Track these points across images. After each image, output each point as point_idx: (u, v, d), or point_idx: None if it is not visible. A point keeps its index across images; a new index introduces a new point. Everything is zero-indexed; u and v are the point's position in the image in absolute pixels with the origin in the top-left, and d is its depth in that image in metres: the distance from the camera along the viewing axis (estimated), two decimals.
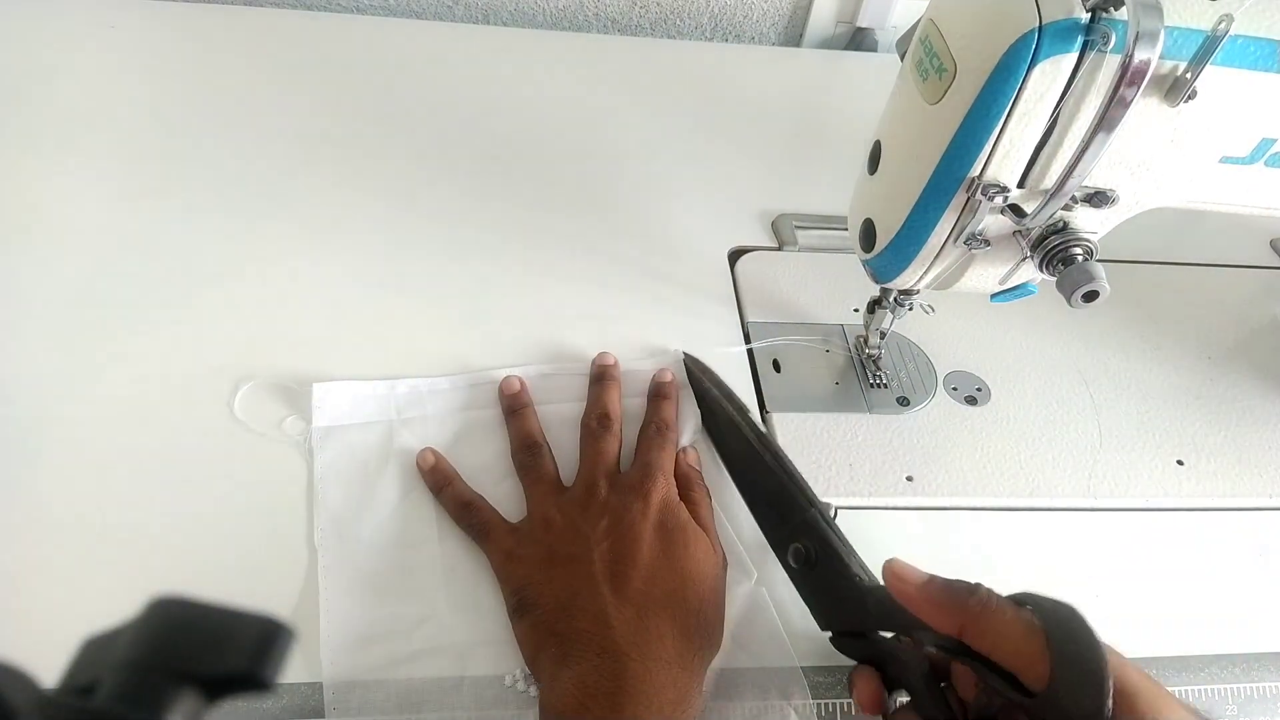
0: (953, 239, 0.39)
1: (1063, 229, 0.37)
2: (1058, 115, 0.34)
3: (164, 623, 0.17)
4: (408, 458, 0.44)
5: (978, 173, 0.36)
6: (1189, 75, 0.33)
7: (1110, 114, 0.31)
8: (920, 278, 0.42)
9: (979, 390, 0.52)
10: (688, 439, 0.46)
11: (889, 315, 0.49)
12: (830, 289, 0.57)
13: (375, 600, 0.39)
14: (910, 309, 0.48)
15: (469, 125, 0.66)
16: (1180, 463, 0.50)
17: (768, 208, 0.62)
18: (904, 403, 0.51)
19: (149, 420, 0.44)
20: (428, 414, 0.46)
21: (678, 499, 0.41)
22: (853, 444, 0.48)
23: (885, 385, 0.51)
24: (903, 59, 0.39)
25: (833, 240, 0.60)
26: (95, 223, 0.54)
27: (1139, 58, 0.30)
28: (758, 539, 0.42)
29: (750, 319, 0.54)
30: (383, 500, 0.42)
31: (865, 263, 0.44)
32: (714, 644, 0.38)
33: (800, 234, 0.60)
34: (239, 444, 0.43)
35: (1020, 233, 0.38)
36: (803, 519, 0.39)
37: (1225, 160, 0.37)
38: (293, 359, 0.47)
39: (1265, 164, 0.37)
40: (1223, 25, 0.31)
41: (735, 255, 0.59)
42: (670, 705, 0.33)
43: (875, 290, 0.48)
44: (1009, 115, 0.34)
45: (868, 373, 0.52)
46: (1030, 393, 0.52)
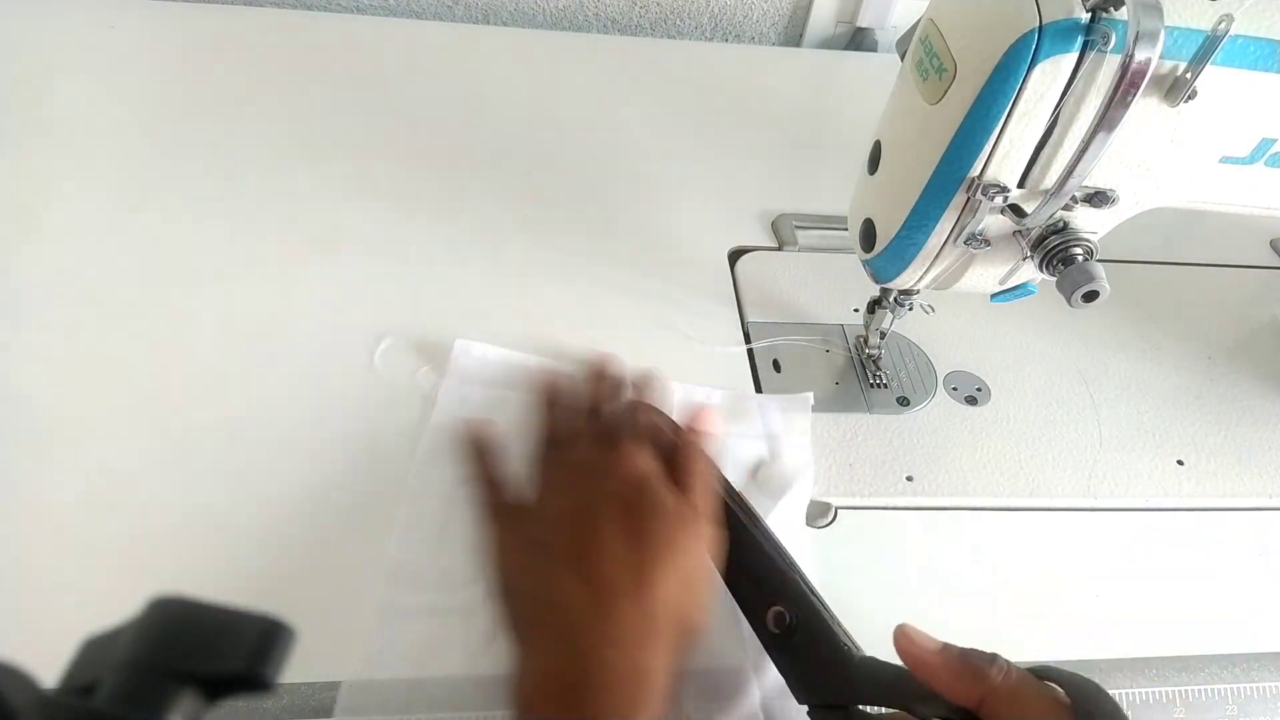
0: (953, 239, 0.39)
1: (1063, 229, 0.37)
2: (1058, 115, 0.34)
3: (164, 623, 0.17)
4: (521, 429, 0.43)
5: (978, 173, 0.36)
6: (1189, 75, 0.33)
7: (1110, 114, 0.31)
8: (920, 278, 0.42)
9: (979, 390, 0.52)
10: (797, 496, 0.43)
11: (889, 315, 0.49)
12: (830, 289, 0.57)
13: (437, 548, 0.40)
14: (910, 309, 0.48)
15: (469, 125, 0.66)
16: (1180, 463, 0.50)
17: (768, 208, 0.62)
18: (904, 403, 0.51)
19: (149, 420, 0.44)
20: None
21: (654, 470, 0.37)
22: (853, 444, 0.48)
23: (885, 385, 0.51)
24: (903, 59, 0.39)
25: (833, 240, 0.60)
26: (95, 222, 0.54)
27: (1139, 58, 0.30)
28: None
29: (750, 319, 0.54)
30: None
31: (865, 263, 0.44)
32: (689, 627, 0.36)
33: (800, 234, 0.60)
34: (239, 445, 0.43)
35: (1020, 233, 0.38)
36: (781, 581, 0.36)
37: (1225, 160, 0.37)
38: (290, 365, 0.47)
39: (1265, 164, 0.37)
40: (1223, 25, 0.31)
41: (735, 255, 0.59)
42: (631, 691, 0.32)
43: (875, 290, 0.48)
44: (1009, 115, 0.34)
45: (868, 373, 0.52)
46: (1030, 393, 0.52)
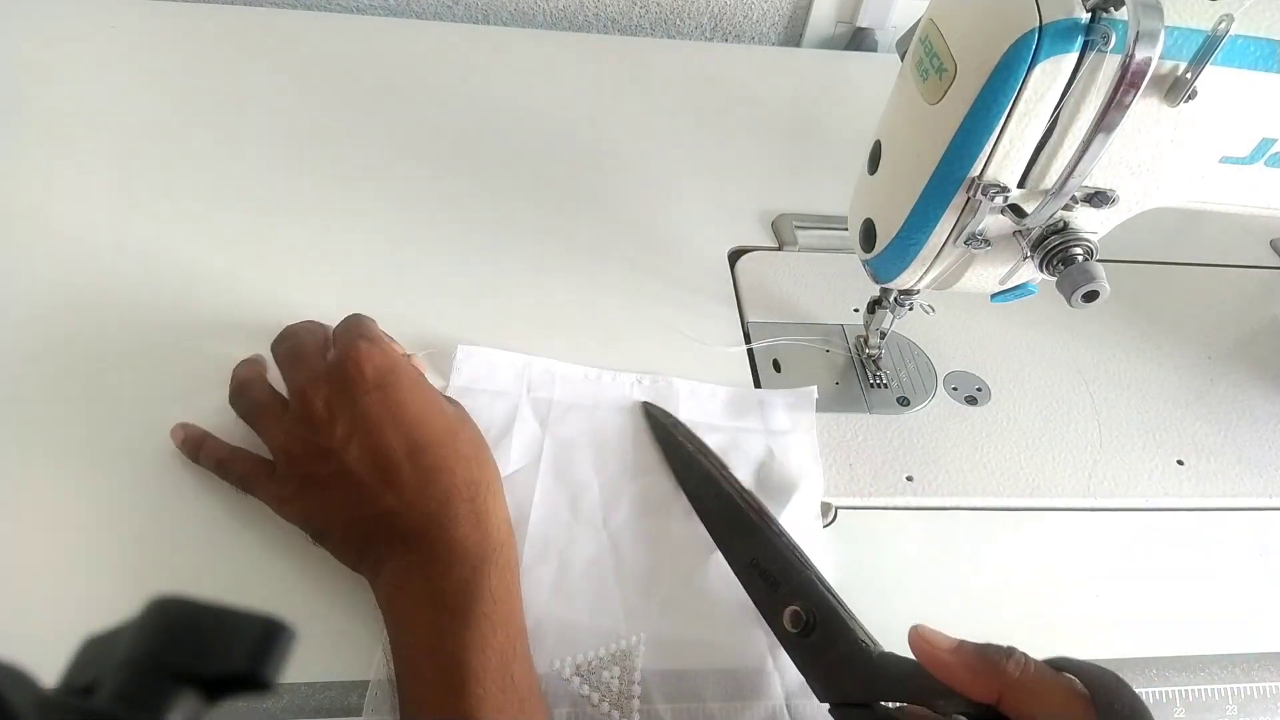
0: (953, 239, 0.39)
1: (1063, 229, 0.37)
2: (1058, 115, 0.34)
3: (164, 623, 0.17)
4: (526, 433, 0.45)
5: (978, 173, 0.36)
6: (1189, 75, 0.33)
7: (1110, 114, 0.31)
8: (920, 278, 0.42)
9: (979, 390, 0.52)
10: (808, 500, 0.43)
11: (889, 315, 0.49)
12: (830, 289, 0.57)
13: None
14: (910, 309, 0.48)
15: (468, 125, 0.66)
16: (1180, 463, 0.50)
17: (768, 208, 0.62)
18: (904, 403, 0.51)
19: (149, 420, 0.44)
20: (554, 397, 0.47)
21: (385, 351, 0.39)
22: (853, 444, 0.48)
23: (885, 385, 0.51)
24: (903, 59, 0.39)
25: (833, 240, 0.60)
26: (95, 222, 0.54)
27: (1139, 58, 0.30)
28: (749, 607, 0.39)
29: (750, 319, 0.54)
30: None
31: (865, 263, 0.44)
32: (491, 462, 0.39)
33: (800, 234, 0.60)
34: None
35: (1020, 233, 0.38)
36: (799, 581, 0.37)
37: (1225, 160, 0.37)
38: None
39: (1265, 164, 0.37)
40: (1223, 25, 0.31)
41: (735, 255, 0.59)
42: (477, 544, 0.35)
43: (875, 290, 0.48)
44: (1009, 115, 0.34)
45: (868, 373, 0.52)
46: (1030, 393, 0.52)
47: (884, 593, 0.42)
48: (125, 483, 0.41)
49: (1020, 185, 0.36)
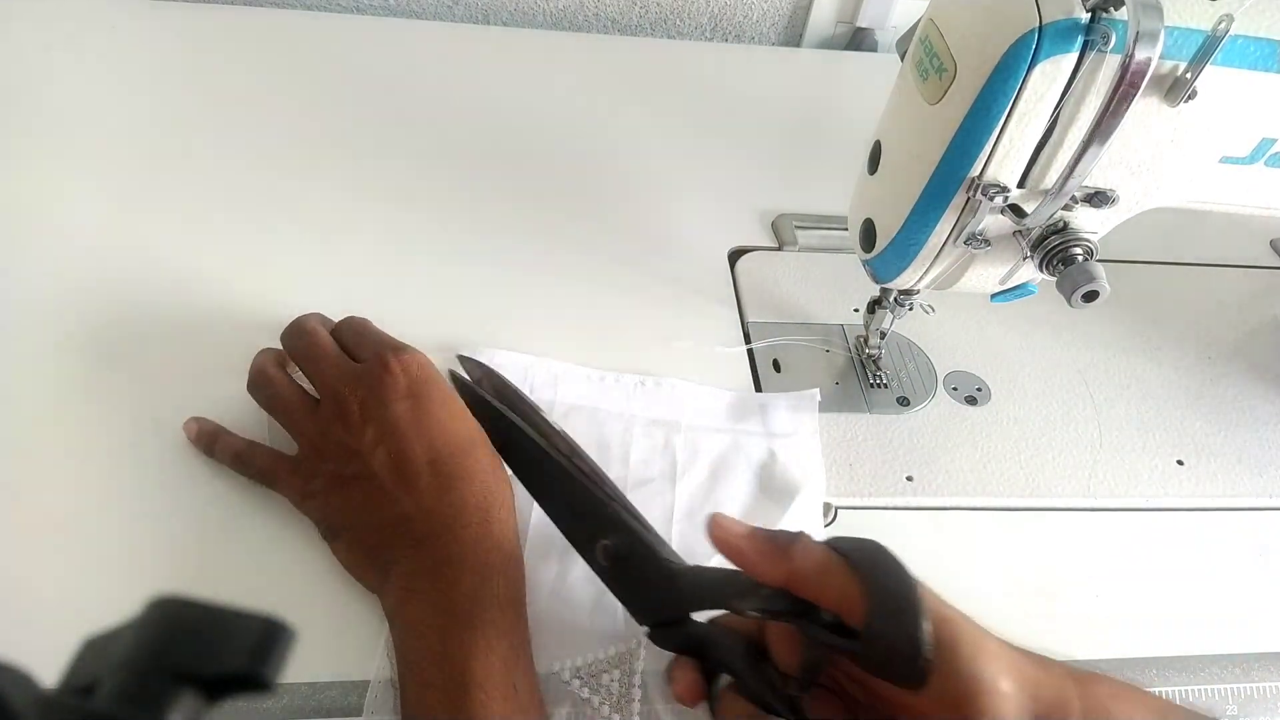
0: (953, 239, 0.39)
1: (1063, 229, 0.37)
2: (1058, 115, 0.34)
3: (164, 623, 0.17)
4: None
5: (978, 173, 0.36)
6: (1189, 75, 0.33)
7: (1110, 114, 0.31)
8: (920, 278, 0.42)
9: (979, 390, 0.52)
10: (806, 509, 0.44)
11: (889, 315, 0.49)
12: (830, 289, 0.57)
13: None
14: (910, 309, 0.48)
15: (468, 125, 0.66)
16: (1180, 463, 0.50)
17: (768, 208, 0.62)
18: (904, 403, 0.51)
19: (150, 419, 0.44)
20: (555, 399, 0.47)
21: (416, 359, 0.40)
22: (853, 444, 0.48)
23: (885, 385, 0.51)
24: (903, 59, 0.39)
25: (833, 240, 0.60)
26: (95, 221, 0.54)
27: (1139, 58, 0.30)
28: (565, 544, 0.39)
29: (750, 319, 0.54)
30: None
31: (865, 263, 0.44)
32: (506, 479, 0.39)
33: (800, 234, 0.60)
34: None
35: (1020, 233, 0.38)
36: (605, 514, 0.37)
37: (1225, 160, 0.37)
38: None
39: (1265, 164, 0.37)
40: (1223, 25, 0.31)
41: (735, 255, 0.59)
42: (487, 553, 0.36)
43: (875, 290, 0.48)
44: (1009, 115, 0.34)
45: (868, 373, 0.52)
46: (1030, 393, 0.52)
47: None
48: (124, 483, 0.41)
49: (1020, 185, 0.36)
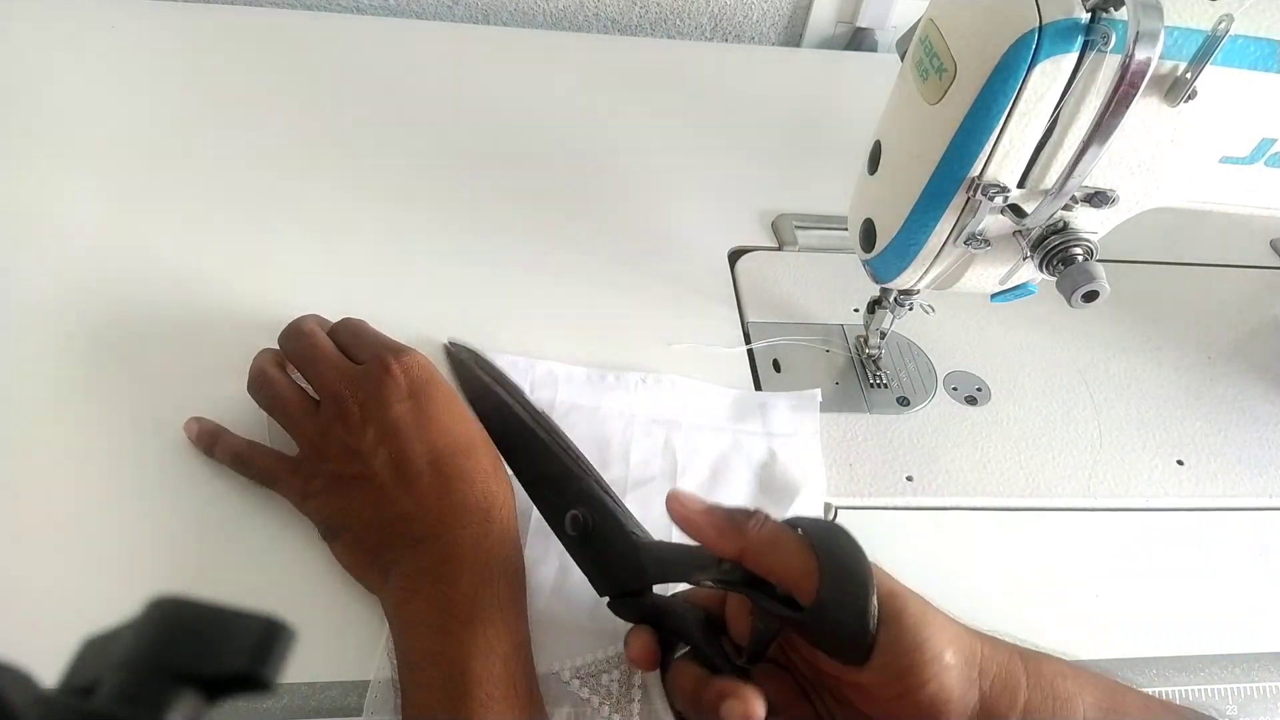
0: (953, 239, 0.39)
1: (1063, 229, 0.37)
2: (1058, 115, 0.34)
3: (164, 623, 0.17)
4: None
5: (978, 173, 0.36)
6: (1189, 75, 0.33)
7: (1110, 114, 0.31)
8: (920, 278, 0.42)
9: (979, 390, 0.52)
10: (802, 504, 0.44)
11: (889, 315, 0.49)
12: (830, 289, 0.57)
13: None
14: (910, 309, 0.48)
15: (468, 125, 0.66)
16: (1180, 463, 0.50)
17: (768, 208, 0.62)
18: (904, 403, 0.51)
19: (150, 419, 0.44)
20: (556, 398, 0.47)
21: (417, 361, 0.40)
22: (853, 444, 0.48)
23: (885, 385, 0.51)
24: (903, 59, 0.39)
25: (833, 240, 0.60)
26: (95, 222, 0.54)
27: (1139, 58, 0.30)
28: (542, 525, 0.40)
29: (750, 319, 0.54)
30: None
31: (865, 263, 0.44)
32: (507, 480, 0.40)
33: (800, 234, 0.60)
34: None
35: (1020, 233, 0.38)
36: (577, 487, 0.39)
37: (1225, 160, 0.37)
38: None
39: (1265, 164, 0.37)
40: (1223, 25, 0.31)
41: (735, 255, 0.59)
42: (488, 553, 0.36)
43: (875, 290, 0.48)
44: (1009, 115, 0.34)
45: (868, 373, 0.52)
46: (1030, 393, 0.52)
47: None
48: (124, 483, 0.41)
49: (1020, 185, 0.36)
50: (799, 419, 0.48)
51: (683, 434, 0.46)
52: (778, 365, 0.52)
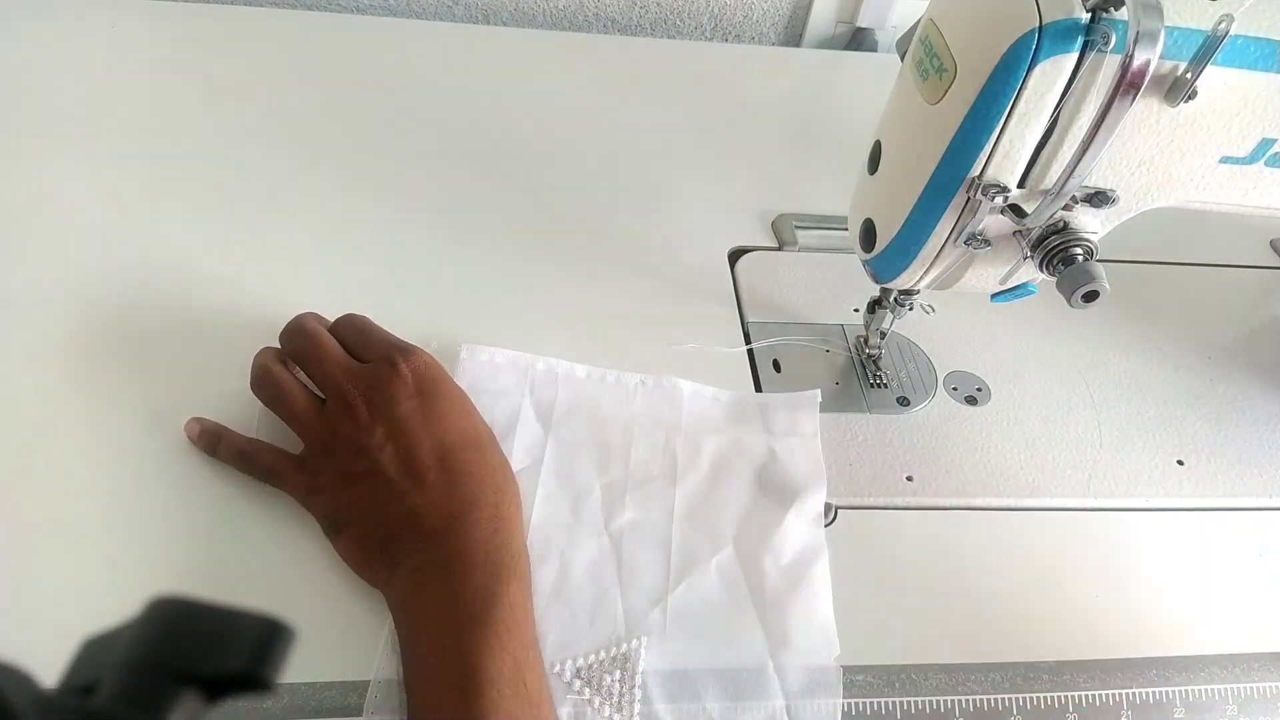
0: (953, 239, 0.39)
1: (1063, 229, 0.37)
2: (1058, 115, 0.34)
3: (164, 623, 0.17)
4: (529, 434, 0.45)
5: (978, 173, 0.36)
6: (1189, 75, 0.33)
7: (1110, 114, 0.31)
8: (920, 278, 0.42)
9: (979, 390, 0.52)
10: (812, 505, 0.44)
11: (889, 315, 0.49)
12: (830, 289, 0.57)
13: None
14: (910, 309, 0.48)
15: (468, 125, 0.66)
16: (1180, 463, 0.50)
17: (768, 208, 0.62)
18: (904, 403, 0.51)
19: (149, 419, 0.44)
20: (556, 398, 0.47)
21: (424, 359, 0.41)
22: (853, 444, 0.48)
23: (885, 385, 0.51)
24: (903, 59, 0.39)
25: (833, 240, 0.60)
26: (95, 222, 0.54)
27: (1139, 58, 0.30)
28: None
29: (750, 319, 0.54)
30: None
31: (865, 263, 0.44)
32: (514, 478, 0.40)
33: (800, 234, 0.60)
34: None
35: (1020, 233, 0.38)
36: None
37: (1225, 160, 0.37)
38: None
39: (1265, 164, 0.37)
40: (1223, 25, 0.31)
41: (735, 255, 0.59)
42: (497, 550, 0.36)
43: (875, 290, 0.48)
44: (1009, 115, 0.34)
45: (868, 373, 0.52)
46: (1030, 393, 0.52)
47: (884, 593, 0.42)
48: (124, 483, 0.41)
49: (1020, 185, 0.36)
50: (799, 420, 0.48)
51: (683, 435, 0.46)
52: (778, 365, 0.52)
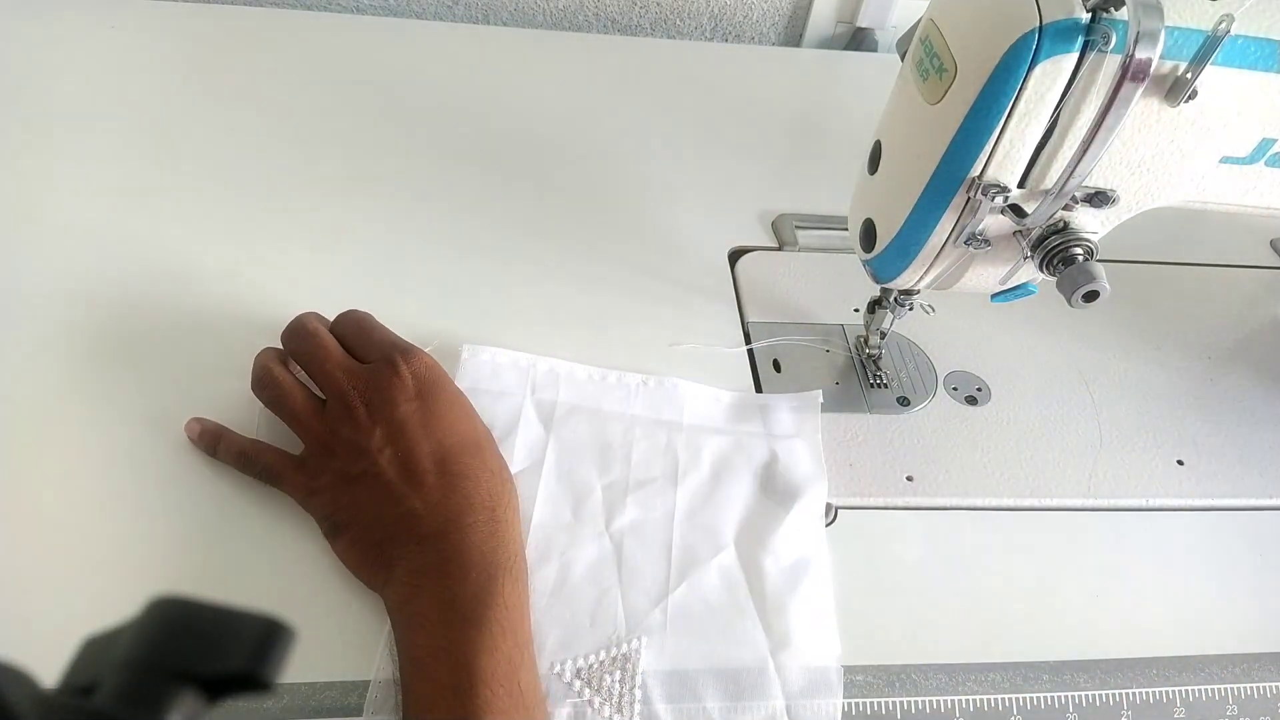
0: (953, 239, 0.39)
1: (1063, 229, 0.37)
2: (1058, 115, 0.34)
3: (164, 623, 0.17)
4: (530, 435, 0.45)
5: (978, 173, 0.36)
6: (1189, 75, 0.33)
7: (1110, 114, 0.31)
8: (920, 278, 0.42)
9: (979, 390, 0.52)
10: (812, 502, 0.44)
11: (889, 315, 0.49)
12: (830, 289, 0.57)
13: None
14: (910, 309, 0.48)
15: (468, 125, 0.66)
16: (1180, 463, 0.50)
17: (768, 208, 0.62)
18: (904, 403, 0.51)
19: (149, 419, 0.44)
20: (557, 398, 0.47)
21: (424, 361, 0.41)
22: (853, 444, 0.48)
23: (885, 385, 0.51)
24: (903, 59, 0.39)
25: (833, 240, 0.60)
26: (95, 222, 0.54)
27: (1139, 58, 0.30)
28: None
29: (750, 319, 0.54)
30: None
31: (865, 263, 0.44)
32: (511, 480, 0.41)
33: (800, 234, 0.60)
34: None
35: (1020, 233, 0.38)
36: None
37: (1225, 160, 0.37)
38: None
39: (1265, 164, 0.37)
40: (1223, 25, 0.31)
41: (735, 255, 0.59)
42: (493, 551, 0.37)
43: (875, 290, 0.48)
44: (1009, 115, 0.34)
45: (868, 373, 0.52)
46: (1030, 393, 0.52)
47: (884, 593, 0.42)
48: (124, 483, 0.41)
49: (1020, 185, 0.36)
50: (800, 420, 0.47)
51: (684, 435, 0.46)
52: (778, 365, 0.52)
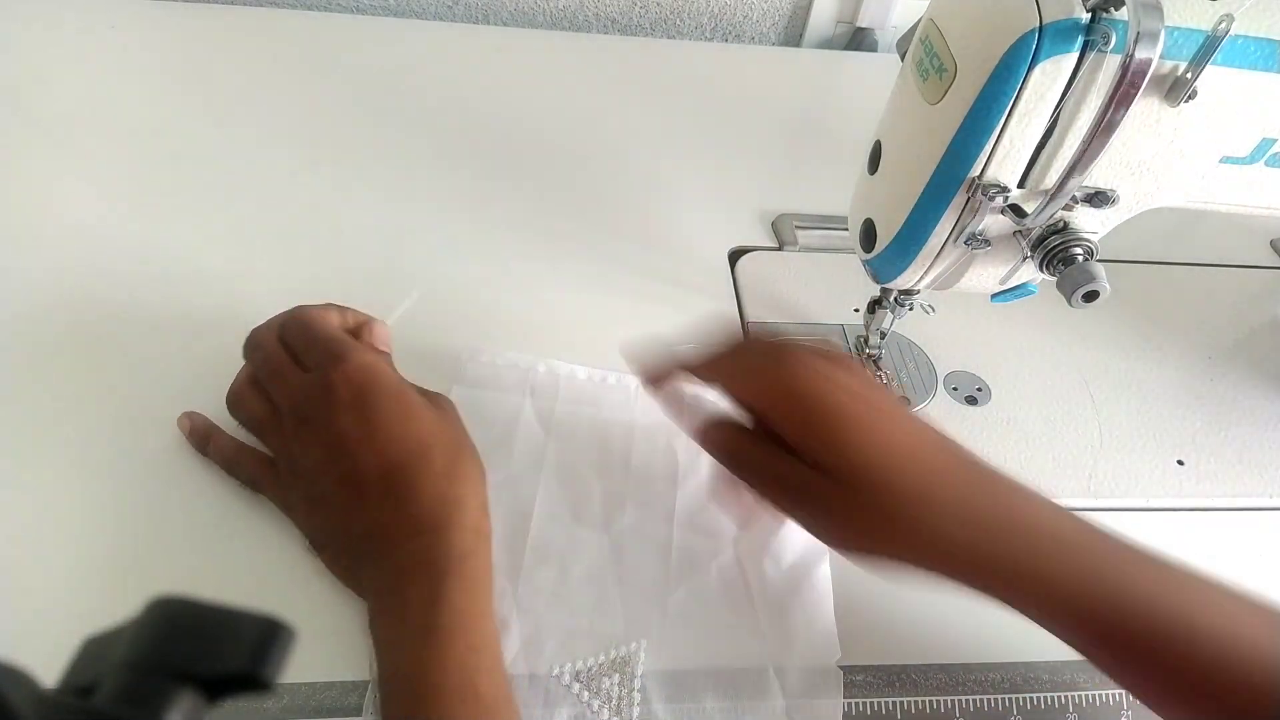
0: (953, 239, 0.39)
1: (1063, 229, 0.37)
2: (1058, 115, 0.34)
3: (164, 623, 0.17)
4: (529, 437, 0.45)
5: (978, 173, 0.36)
6: (1189, 75, 0.33)
7: (1110, 114, 0.31)
8: (920, 278, 0.42)
9: (979, 390, 0.52)
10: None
11: (889, 315, 0.49)
12: (830, 289, 0.57)
13: None
14: (910, 309, 0.48)
15: (468, 125, 0.66)
16: (1180, 463, 0.50)
17: (768, 208, 0.62)
18: (904, 403, 0.51)
19: (150, 419, 0.44)
20: (557, 399, 0.47)
21: (357, 365, 0.38)
22: None
23: (885, 385, 0.51)
24: (903, 59, 0.39)
25: (833, 240, 0.60)
26: (94, 221, 0.54)
27: (1139, 58, 0.30)
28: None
29: (750, 319, 0.54)
30: (492, 471, 0.41)
31: (865, 263, 0.44)
32: (464, 474, 0.38)
33: (800, 234, 0.60)
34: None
35: (1020, 233, 0.38)
36: None
37: (1225, 160, 0.37)
38: None
39: (1265, 164, 0.37)
40: (1223, 25, 0.31)
41: (735, 255, 0.59)
42: (437, 559, 0.35)
43: (875, 290, 0.48)
44: (1009, 115, 0.34)
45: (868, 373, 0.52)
46: (1030, 393, 0.52)
47: (884, 593, 0.42)
48: (125, 482, 0.41)
49: (1020, 185, 0.36)
50: None
51: (683, 437, 0.46)
52: None
